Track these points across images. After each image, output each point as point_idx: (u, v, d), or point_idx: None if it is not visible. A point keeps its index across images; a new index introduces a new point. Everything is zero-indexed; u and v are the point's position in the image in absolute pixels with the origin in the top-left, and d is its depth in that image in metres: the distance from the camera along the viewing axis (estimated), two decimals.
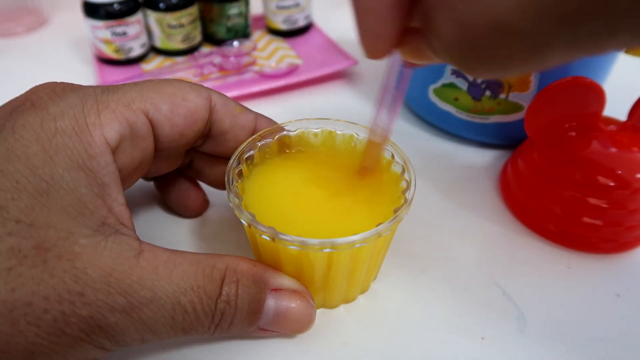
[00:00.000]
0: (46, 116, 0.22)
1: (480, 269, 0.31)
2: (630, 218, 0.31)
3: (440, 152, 0.42)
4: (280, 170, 0.29)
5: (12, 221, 0.20)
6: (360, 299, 0.30)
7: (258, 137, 0.29)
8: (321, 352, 0.27)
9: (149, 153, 0.26)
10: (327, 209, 0.27)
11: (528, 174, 0.34)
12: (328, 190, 0.28)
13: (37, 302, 0.19)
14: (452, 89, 0.39)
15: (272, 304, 0.25)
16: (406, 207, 0.25)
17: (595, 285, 0.31)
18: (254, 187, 0.28)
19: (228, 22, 0.53)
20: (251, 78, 0.49)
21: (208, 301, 0.23)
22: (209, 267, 0.23)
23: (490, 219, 0.35)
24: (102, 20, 0.47)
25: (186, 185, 0.33)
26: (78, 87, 0.25)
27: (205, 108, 0.27)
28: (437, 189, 0.38)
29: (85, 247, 0.21)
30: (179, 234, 0.33)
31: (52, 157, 0.21)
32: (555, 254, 0.33)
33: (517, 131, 0.39)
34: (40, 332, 0.19)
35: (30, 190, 0.21)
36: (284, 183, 0.28)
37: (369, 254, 0.26)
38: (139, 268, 0.21)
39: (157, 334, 0.22)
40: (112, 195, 0.23)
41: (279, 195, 0.28)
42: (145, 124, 0.25)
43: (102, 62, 0.51)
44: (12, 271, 0.19)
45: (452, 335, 0.28)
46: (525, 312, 0.29)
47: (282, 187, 0.28)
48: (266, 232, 0.24)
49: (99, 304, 0.20)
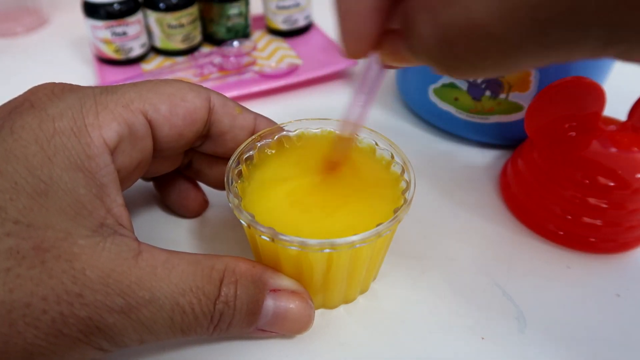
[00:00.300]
0: (45, 117, 0.22)
1: (480, 269, 0.31)
2: (630, 218, 0.31)
3: (440, 152, 0.42)
4: (280, 170, 0.29)
5: (10, 222, 0.20)
6: (360, 300, 0.30)
7: (257, 137, 0.29)
8: (321, 352, 0.27)
9: (147, 153, 0.26)
10: (327, 209, 0.27)
11: (528, 174, 0.34)
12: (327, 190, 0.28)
13: (35, 303, 0.19)
14: (452, 89, 0.39)
15: (271, 304, 0.25)
16: (406, 207, 0.25)
17: (595, 285, 0.31)
18: (253, 187, 0.28)
19: (228, 22, 0.53)
20: (251, 78, 0.49)
21: (207, 302, 0.23)
22: (208, 267, 0.23)
23: (490, 219, 0.35)
24: (102, 20, 0.47)
25: (186, 186, 0.33)
26: (77, 88, 0.25)
27: (204, 108, 0.27)
28: (437, 189, 0.38)
29: (83, 247, 0.21)
30: (178, 235, 0.33)
31: (51, 157, 0.21)
32: (555, 254, 0.33)
33: (517, 131, 0.39)
34: (38, 333, 0.19)
35: (29, 191, 0.20)
36: (283, 183, 0.28)
37: (369, 254, 0.26)
38: (138, 269, 0.21)
39: (156, 334, 0.22)
40: (110, 196, 0.23)
41: (279, 195, 0.28)
42: (144, 125, 0.25)
43: (102, 62, 0.51)
44: (11, 272, 0.19)
45: (452, 335, 0.28)
46: (525, 312, 0.29)
47: (281, 188, 0.28)
48: (266, 233, 0.24)
49: (97, 305, 0.20)
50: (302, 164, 0.30)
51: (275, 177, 0.29)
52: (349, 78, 0.51)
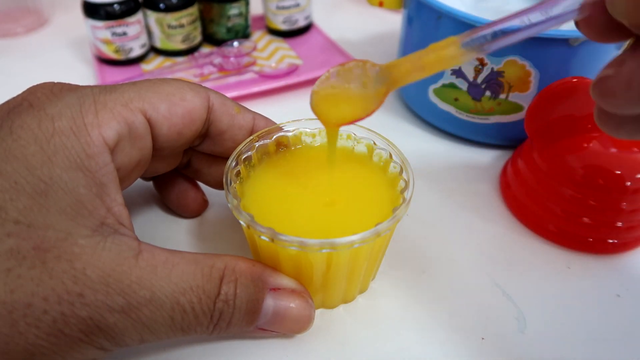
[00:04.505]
0: (44, 116, 0.22)
1: (480, 269, 0.31)
2: (630, 218, 0.31)
3: (440, 152, 0.42)
4: (279, 170, 0.29)
5: (10, 222, 0.20)
6: (359, 299, 0.30)
7: (256, 137, 0.29)
8: (320, 352, 0.27)
9: (147, 152, 0.26)
10: (326, 209, 0.27)
11: (528, 174, 0.34)
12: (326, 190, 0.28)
13: (36, 303, 0.19)
14: (452, 89, 0.39)
15: (271, 303, 0.25)
16: (405, 206, 0.25)
17: (595, 285, 0.31)
18: (252, 187, 0.28)
19: (228, 22, 0.53)
20: (251, 78, 0.49)
21: (207, 301, 0.23)
22: (208, 266, 0.23)
23: (490, 219, 0.35)
24: (102, 21, 0.47)
25: (185, 186, 0.33)
26: (76, 87, 0.25)
27: (203, 108, 0.27)
28: (436, 189, 0.38)
29: (84, 247, 0.21)
30: (177, 234, 0.33)
31: (51, 157, 0.21)
32: (555, 254, 0.33)
33: (517, 131, 0.39)
34: (39, 333, 0.19)
35: (29, 191, 0.20)
36: (282, 183, 0.28)
37: (368, 253, 0.26)
38: (138, 268, 0.21)
39: (156, 334, 0.22)
40: (110, 195, 0.23)
41: (278, 195, 0.28)
42: (144, 124, 0.25)
43: (102, 63, 0.51)
44: (12, 272, 0.19)
45: (452, 335, 0.28)
46: (525, 312, 0.29)
47: (280, 188, 0.28)
48: (265, 233, 0.24)
49: (98, 305, 0.20)
50: (301, 163, 0.30)
51: (274, 177, 0.29)
52: None
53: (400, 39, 0.45)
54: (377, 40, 0.59)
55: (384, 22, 0.63)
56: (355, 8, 0.67)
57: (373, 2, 0.48)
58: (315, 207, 0.27)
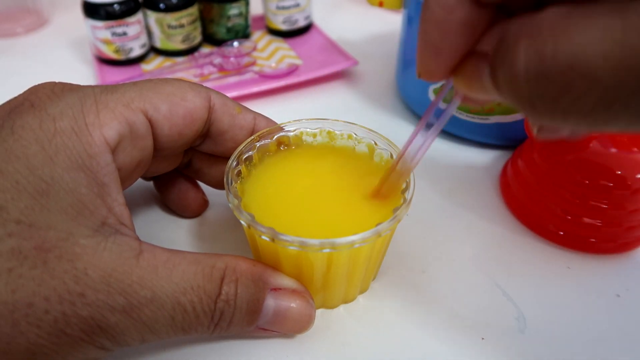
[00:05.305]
0: (45, 116, 0.22)
1: (480, 269, 0.31)
2: (630, 218, 0.31)
3: (440, 152, 0.42)
4: (279, 170, 0.29)
5: (12, 222, 0.20)
6: (359, 299, 0.30)
7: (257, 137, 0.29)
8: (321, 352, 0.27)
9: (148, 152, 0.26)
10: (326, 209, 0.27)
11: (528, 174, 0.34)
12: (327, 190, 0.28)
13: (37, 303, 0.19)
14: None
15: (272, 303, 0.25)
16: (405, 207, 0.25)
17: (595, 286, 0.31)
18: (253, 187, 0.28)
19: (228, 22, 0.53)
20: (251, 78, 0.49)
21: (207, 301, 0.23)
22: (209, 266, 0.23)
23: (490, 219, 0.35)
24: (102, 21, 0.47)
25: (186, 186, 0.33)
26: (77, 87, 0.25)
27: (204, 108, 0.27)
28: (437, 189, 0.38)
29: (85, 247, 0.21)
30: (178, 234, 0.33)
31: (52, 157, 0.21)
32: (555, 254, 0.33)
33: (517, 131, 0.39)
34: (41, 333, 0.19)
35: (30, 191, 0.21)
36: (282, 183, 0.28)
37: (369, 253, 0.26)
38: (139, 268, 0.21)
39: (157, 333, 0.22)
40: (111, 195, 0.23)
41: (278, 195, 0.28)
42: (145, 124, 0.25)
43: (102, 63, 0.51)
44: (13, 272, 0.19)
45: (452, 335, 0.28)
46: (525, 312, 0.29)
47: (281, 188, 0.28)
48: (266, 233, 0.24)
49: (99, 305, 0.20)
50: (301, 163, 0.30)
51: (274, 177, 0.29)
52: (349, 78, 0.51)
53: (400, 39, 0.46)
54: (377, 40, 0.59)
55: (384, 22, 0.63)
56: (355, 8, 0.67)
57: (373, 2, 0.49)
58: (316, 207, 0.27)
